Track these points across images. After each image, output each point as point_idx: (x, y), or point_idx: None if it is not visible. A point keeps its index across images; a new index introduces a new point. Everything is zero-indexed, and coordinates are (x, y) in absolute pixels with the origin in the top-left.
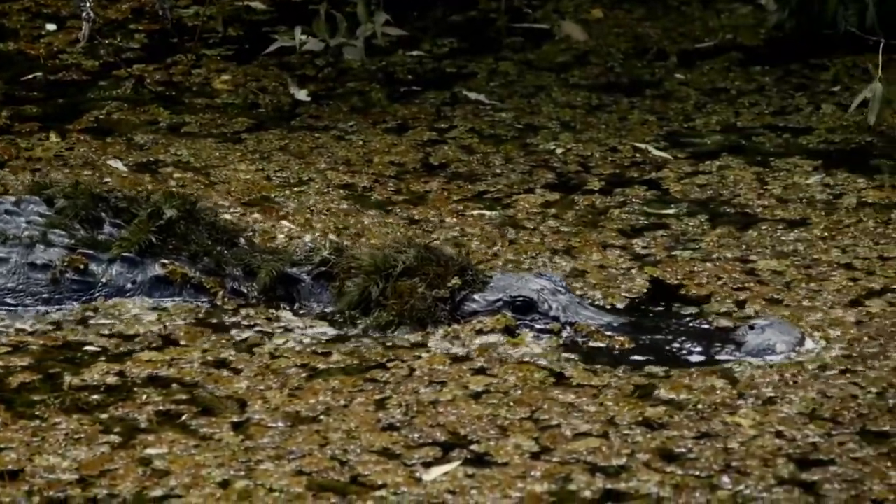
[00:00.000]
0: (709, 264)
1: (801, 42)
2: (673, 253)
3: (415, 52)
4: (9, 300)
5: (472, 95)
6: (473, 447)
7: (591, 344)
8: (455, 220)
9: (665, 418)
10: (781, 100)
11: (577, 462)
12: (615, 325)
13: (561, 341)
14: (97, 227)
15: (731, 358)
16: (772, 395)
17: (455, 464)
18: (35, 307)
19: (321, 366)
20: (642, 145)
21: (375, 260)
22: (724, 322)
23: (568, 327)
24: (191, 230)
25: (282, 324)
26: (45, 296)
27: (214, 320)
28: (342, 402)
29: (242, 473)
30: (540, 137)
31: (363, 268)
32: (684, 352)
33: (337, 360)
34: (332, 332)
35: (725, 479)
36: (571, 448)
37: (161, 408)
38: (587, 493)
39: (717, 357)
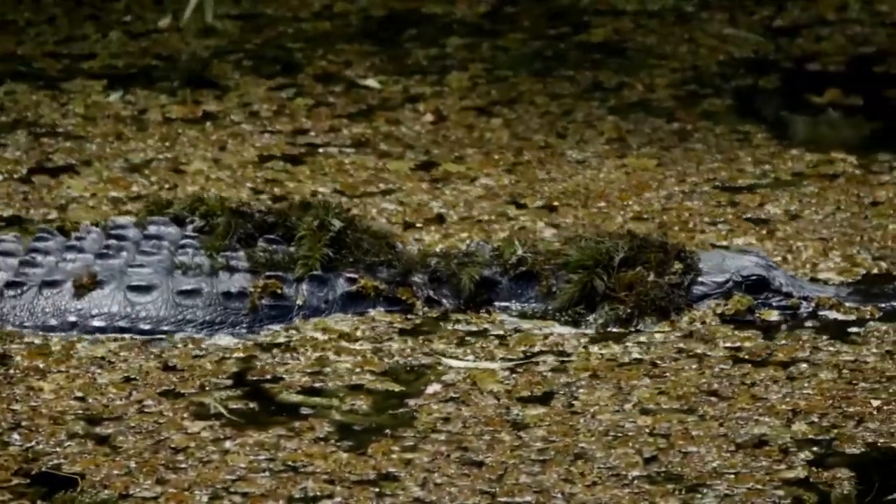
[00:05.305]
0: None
1: None
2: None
3: None
4: (205, 333)
5: None
6: None
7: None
8: None
9: None
10: (70, 29)
11: None
12: (843, 294)
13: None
14: (252, 246)
15: None
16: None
17: None
18: (234, 338)
19: None
20: None
21: (592, 253)
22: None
23: (804, 301)
24: (358, 239)
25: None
26: (245, 325)
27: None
28: None
29: None
30: None
31: (575, 262)
32: None
33: None
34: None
35: (16, 436)
36: None
37: None
38: None
39: None
